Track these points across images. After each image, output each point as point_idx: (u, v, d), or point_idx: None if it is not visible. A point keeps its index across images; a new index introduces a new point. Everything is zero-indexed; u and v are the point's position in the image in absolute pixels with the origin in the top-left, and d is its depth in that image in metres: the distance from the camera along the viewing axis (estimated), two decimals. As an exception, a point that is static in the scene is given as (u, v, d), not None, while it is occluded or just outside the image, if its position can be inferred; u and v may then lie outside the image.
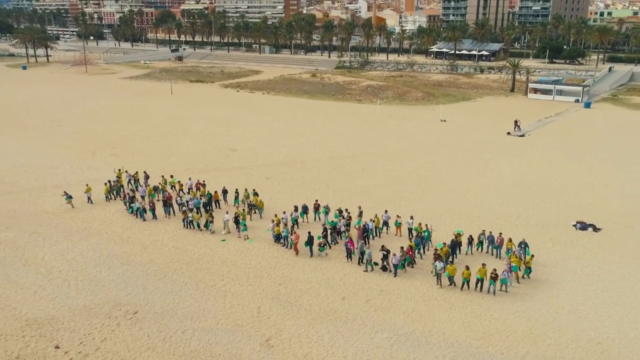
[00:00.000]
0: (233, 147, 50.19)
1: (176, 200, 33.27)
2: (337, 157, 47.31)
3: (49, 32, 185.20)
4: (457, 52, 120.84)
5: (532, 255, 25.35)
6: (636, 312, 22.38)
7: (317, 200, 32.67)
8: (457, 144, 52.36)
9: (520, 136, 54.78)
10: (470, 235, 27.69)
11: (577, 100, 74.58)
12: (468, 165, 44.92)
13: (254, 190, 33.96)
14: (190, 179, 36.24)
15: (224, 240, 29.68)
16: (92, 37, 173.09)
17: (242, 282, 25.38)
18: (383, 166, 44.27)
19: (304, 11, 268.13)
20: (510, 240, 26.83)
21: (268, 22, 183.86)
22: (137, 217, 32.51)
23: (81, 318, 22.60)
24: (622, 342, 20.41)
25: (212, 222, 30.46)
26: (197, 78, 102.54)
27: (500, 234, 27.66)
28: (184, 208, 31.94)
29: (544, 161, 46.20)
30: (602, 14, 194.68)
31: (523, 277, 24.81)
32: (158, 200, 34.16)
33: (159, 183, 36.27)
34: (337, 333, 21.21)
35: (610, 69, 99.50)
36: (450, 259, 25.89)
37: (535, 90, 79.57)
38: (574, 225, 30.93)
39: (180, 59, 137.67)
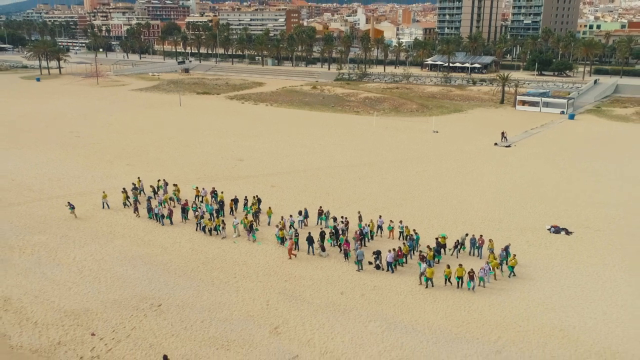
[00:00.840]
0: (240, 157, 52.99)
1: (192, 207, 36.06)
2: (336, 166, 50.10)
3: (59, 44, 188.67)
4: (450, 64, 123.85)
5: (514, 255, 28.07)
6: (596, 305, 25.11)
7: (320, 207, 35.44)
8: (447, 154, 55.18)
9: (506, 147, 57.63)
10: (457, 240, 30.45)
11: (562, 112, 77.48)
12: (456, 174, 47.71)
13: (256, 196, 36.72)
14: (204, 188, 39.00)
15: (235, 242, 32.45)
16: (101, 49, 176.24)
17: (252, 279, 28.14)
18: (378, 175, 47.05)
19: (305, 23, 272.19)
20: (490, 240, 29.62)
21: (270, 35, 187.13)
22: (156, 221, 35.32)
23: (112, 310, 25.36)
24: (582, 329, 23.13)
25: (223, 227, 33.18)
26: (204, 90, 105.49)
27: (481, 235, 30.45)
28: (196, 213, 34.77)
29: (526, 170, 48.99)
30: (591, 27, 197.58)
31: (509, 275, 27.60)
32: (174, 207, 36.93)
33: (173, 192, 39.12)
34: (336, 322, 23.95)
35: (595, 82, 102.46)
36: (436, 260, 28.68)
37: (523, 103, 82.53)
38: (549, 229, 33.69)
39: (186, 70, 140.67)
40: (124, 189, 38.95)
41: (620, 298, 25.73)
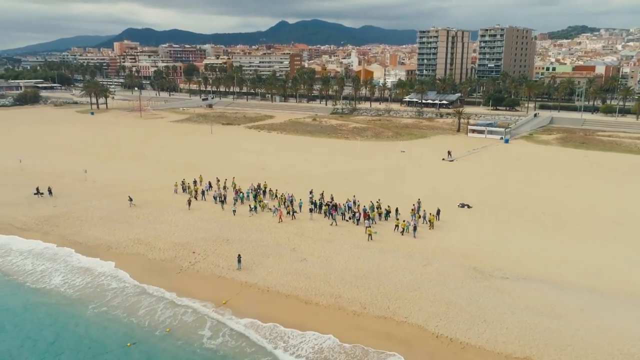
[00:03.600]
0: (263, 167, 70.03)
1: (238, 194, 53.20)
2: (330, 172, 66.94)
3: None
4: (424, 101, 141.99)
5: (438, 215, 45.00)
6: (474, 238, 41.88)
7: (321, 193, 52.50)
8: (408, 165, 72.20)
9: (450, 161, 74.76)
10: (397, 208, 47.32)
11: (501, 138, 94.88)
12: (412, 177, 64.60)
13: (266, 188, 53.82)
14: (251, 184, 56.16)
15: (270, 211, 49.39)
16: (136, 88, 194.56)
17: (278, 227, 44.87)
18: (359, 177, 63.84)
19: (306, 65, 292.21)
20: (413, 209, 46.53)
21: (277, 75, 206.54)
22: (216, 202, 52.21)
23: (201, 242, 42.04)
24: (462, 249, 39.87)
25: (255, 208, 49.76)
26: (227, 121, 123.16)
27: (419, 205, 47.39)
28: (236, 198, 51.91)
29: (456, 175, 65.83)
30: (547, 69, 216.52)
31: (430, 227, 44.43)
32: (225, 195, 53.91)
33: (232, 183, 56.73)
34: (326, 245, 40.64)
35: (535, 115, 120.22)
36: (380, 219, 45.58)
37: (473, 131, 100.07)
38: (459, 205, 50.53)
39: (210, 106, 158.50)
40: (195, 180, 56.70)
41: (486, 234, 42.52)
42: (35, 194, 55.47)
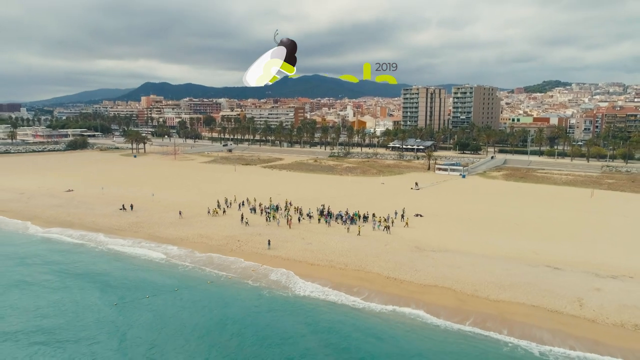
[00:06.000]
0: (278, 193, 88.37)
1: (266, 208, 71.48)
2: (326, 197, 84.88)
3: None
4: (404, 146, 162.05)
5: (400, 220, 62.91)
6: (420, 232, 59.76)
7: (321, 206, 70.64)
8: (385, 192, 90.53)
9: (417, 190, 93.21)
10: (373, 213, 65.42)
11: (460, 174, 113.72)
12: (387, 199, 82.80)
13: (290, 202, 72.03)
14: (271, 199, 74.35)
15: (277, 222, 67.44)
16: (166, 136, 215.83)
17: (291, 229, 62.85)
18: (348, 199, 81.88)
19: (308, 116, 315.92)
20: (381, 217, 64.53)
21: (284, 125, 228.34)
22: (251, 213, 70.28)
23: (242, 236, 59.94)
24: (411, 238, 57.73)
25: (273, 217, 67.86)
26: (245, 162, 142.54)
27: (389, 215, 65.44)
28: (263, 211, 69.90)
29: (420, 199, 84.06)
30: (513, 120, 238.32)
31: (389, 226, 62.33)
32: (256, 208, 72.01)
33: (249, 201, 74.68)
34: (324, 236, 58.50)
35: (492, 157, 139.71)
36: (358, 222, 63.57)
37: (439, 169, 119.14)
38: (414, 215, 68.61)
39: (230, 150, 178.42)
40: (226, 199, 74.73)
41: (428, 231, 60.42)
42: (120, 209, 73.71)
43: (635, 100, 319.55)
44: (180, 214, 69.98)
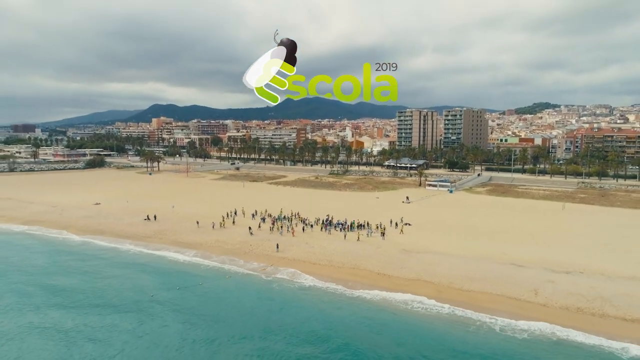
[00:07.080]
0: (283, 206, 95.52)
1: (273, 219, 78.60)
2: (327, 210, 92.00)
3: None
4: (398, 165, 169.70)
5: (395, 227, 69.95)
6: (408, 238, 66.79)
7: (327, 216, 77.74)
8: (379, 205, 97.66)
9: (408, 203, 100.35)
10: (367, 221, 72.51)
11: (448, 190, 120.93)
12: (381, 212, 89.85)
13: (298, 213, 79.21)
14: (282, 210, 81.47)
15: (281, 231, 74.48)
16: (177, 155, 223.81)
17: (295, 236, 69.83)
18: (346, 211, 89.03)
19: (309, 136, 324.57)
20: (377, 224, 71.56)
21: (287, 145, 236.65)
22: (262, 222, 77.35)
23: (253, 241, 66.89)
24: (400, 242, 64.70)
25: (282, 226, 74.97)
26: (252, 179, 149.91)
27: (382, 223, 72.47)
28: (274, 222, 76.99)
29: (412, 211, 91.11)
30: (500, 140, 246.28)
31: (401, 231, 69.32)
32: (266, 218, 79.09)
33: (259, 213, 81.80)
34: (325, 241, 65.51)
35: (478, 175, 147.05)
36: (356, 229, 70.58)
37: (429, 185, 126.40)
38: (405, 224, 75.66)
39: (237, 169, 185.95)
40: (235, 210, 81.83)
41: (415, 237, 67.42)
42: (145, 219, 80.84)
43: (619, 121, 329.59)
44: (197, 223, 76.96)
